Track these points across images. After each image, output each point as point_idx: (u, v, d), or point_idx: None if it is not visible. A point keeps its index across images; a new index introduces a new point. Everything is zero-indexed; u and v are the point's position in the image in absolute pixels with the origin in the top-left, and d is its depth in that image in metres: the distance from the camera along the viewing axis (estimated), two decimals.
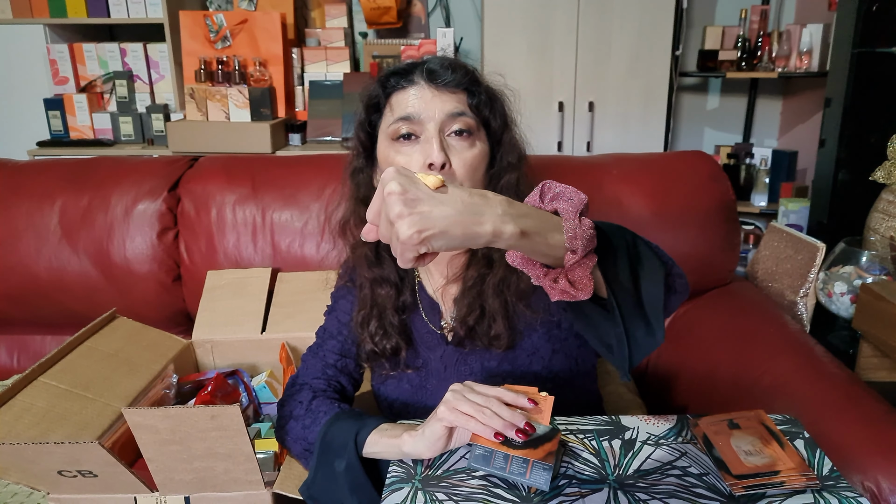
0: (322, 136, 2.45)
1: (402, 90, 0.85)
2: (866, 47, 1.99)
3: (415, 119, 0.83)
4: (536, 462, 0.69)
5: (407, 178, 0.55)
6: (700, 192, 1.36)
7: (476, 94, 0.85)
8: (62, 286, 1.40)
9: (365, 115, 0.90)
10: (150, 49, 2.51)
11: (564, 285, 0.59)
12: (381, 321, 0.93)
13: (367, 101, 0.89)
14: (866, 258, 1.35)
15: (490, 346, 0.89)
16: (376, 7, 2.45)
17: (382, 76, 0.88)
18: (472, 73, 0.88)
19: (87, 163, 1.51)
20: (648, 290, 0.64)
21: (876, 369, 1.26)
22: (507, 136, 0.89)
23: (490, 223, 0.55)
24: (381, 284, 0.93)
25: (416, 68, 0.86)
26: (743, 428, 0.76)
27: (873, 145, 1.92)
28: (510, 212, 0.56)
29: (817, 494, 0.68)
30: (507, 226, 0.55)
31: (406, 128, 0.83)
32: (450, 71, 0.84)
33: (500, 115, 0.88)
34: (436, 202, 0.54)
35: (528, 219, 0.57)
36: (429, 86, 0.84)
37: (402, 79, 0.86)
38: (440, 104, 0.83)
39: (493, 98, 0.88)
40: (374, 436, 0.80)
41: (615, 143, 2.48)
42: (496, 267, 0.89)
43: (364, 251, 0.93)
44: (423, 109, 0.83)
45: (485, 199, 0.56)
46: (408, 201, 0.54)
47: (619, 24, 2.37)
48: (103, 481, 0.88)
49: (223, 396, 1.07)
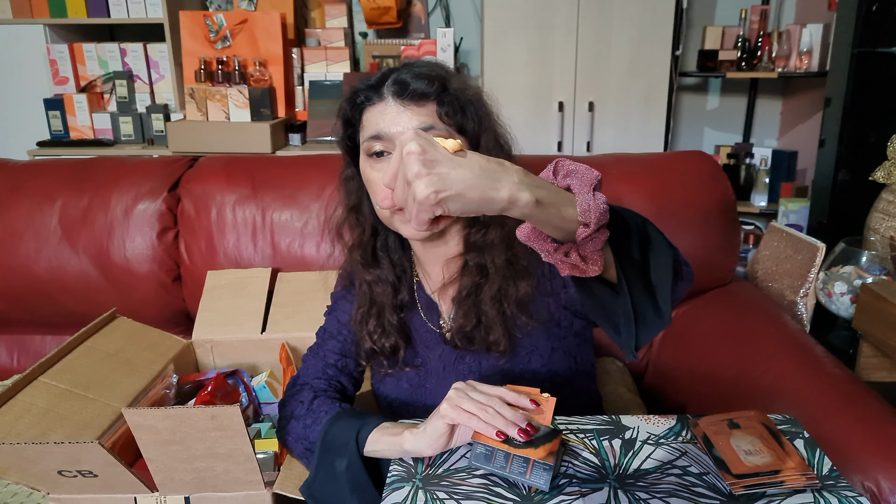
0: (322, 137, 2.45)
1: (372, 106, 0.85)
2: (866, 47, 1.99)
3: (384, 136, 0.82)
4: (537, 462, 0.69)
5: (426, 140, 0.55)
6: (700, 192, 1.36)
7: (445, 103, 0.84)
8: (62, 286, 1.40)
9: (343, 131, 0.90)
10: (150, 49, 2.51)
11: (576, 259, 0.59)
12: (379, 319, 0.93)
13: (342, 117, 0.89)
14: (866, 258, 1.35)
15: (489, 351, 0.89)
16: (376, 7, 2.45)
17: (352, 92, 0.88)
18: (441, 79, 0.85)
19: (88, 163, 1.51)
20: (657, 270, 0.64)
21: (876, 369, 1.26)
22: (486, 138, 0.88)
23: (507, 189, 0.55)
24: (379, 285, 0.94)
25: (384, 82, 0.85)
26: (743, 428, 0.76)
27: (873, 145, 1.92)
28: (526, 181, 0.56)
29: (817, 494, 0.68)
30: (523, 193, 0.55)
31: (378, 146, 0.83)
32: (416, 81, 0.83)
33: (474, 119, 0.86)
34: (454, 164, 0.55)
35: (543, 189, 0.57)
36: (395, 101, 0.83)
37: (372, 93, 0.85)
38: (408, 120, 0.82)
39: (465, 103, 0.86)
40: (376, 434, 0.80)
41: (615, 143, 2.48)
42: (492, 277, 0.88)
43: (359, 254, 0.93)
44: (391, 126, 0.82)
45: (502, 167, 0.57)
46: (426, 161, 0.54)
47: (619, 24, 2.37)
48: (103, 481, 0.88)
49: (223, 396, 1.07)
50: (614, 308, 0.65)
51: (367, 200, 0.93)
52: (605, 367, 1.32)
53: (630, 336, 0.64)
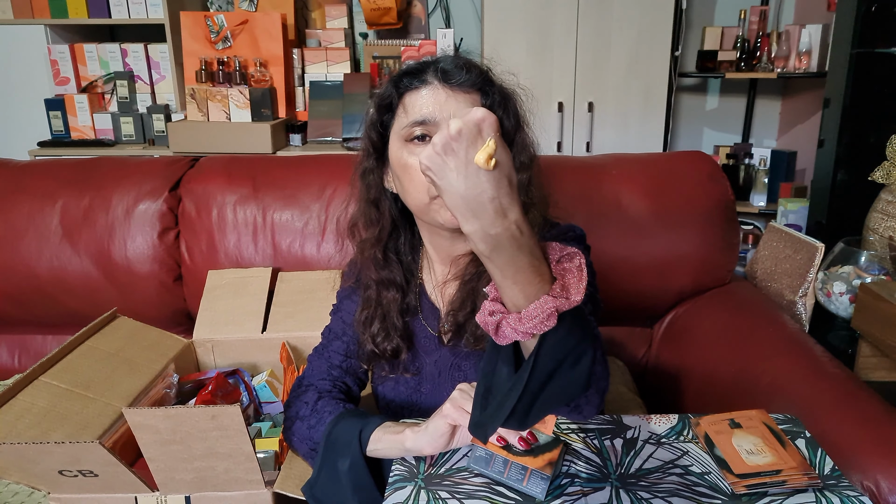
0: (322, 137, 2.45)
1: (415, 90, 0.84)
2: (865, 47, 1.99)
3: (430, 121, 0.81)
4: (535, 471, 0.69)
5: (469, 134, 0.53)
6: (699, 192, 1.36)
7: (490, 95, 0.84)
8: (63, 286, 1.40)
9: (377, 116, 0.88)
10: (151, 49, 2.51)
11: (497, 321, 0.57)
12: (384, 323, 0.92)
13: (380, 101, 0.88)
14: (865, 258, 1.35)
15: (476, 347, 0.88)
16: (376, 8, 2.45)
17: (395, 76, 0.87)
18: (486, 72, 0.86)
19: (88, 163, 1.51)
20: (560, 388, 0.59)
21: (875, 369, 1.26)
22: (520, 135, 0.89)
23: (471, 227, 0.54)
24: (388, 287, 0.92)
25: (429, 67, 0.84)
26: (744, 427, 0.76)
27: (872, 145, 1.92)
28: (499, 238, 0.54)
29: (819, 493, 0.68)
30: (480, 243, 0.54)
31: (420, 130, 0.82)
32: (464, 71, 0.83)
33: (514, 115, 0.88)
34: (460, 169, 0.53)
35: (506, 257, 0.55)
36: (442, 86, 0.82)
37: (415, 79, 0.84)
38: (454, 105, 0.82)
39: (507, 98, 0.87)
40: (378, 433, 0.80)
41: (614, 144, 2.48)
42: None
43: (372, 252, 0.92)
44: (437, 111, 0.81)
45: (496, 211, 0.53)
46: (447, 146, 0.53)
47: (619, 25, 2.37)
48: (104, 481, 0.88)
49: (224, 396, 1.07)
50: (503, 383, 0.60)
51: (385, 196, 0.91)
52: None
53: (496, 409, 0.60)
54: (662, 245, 1.34)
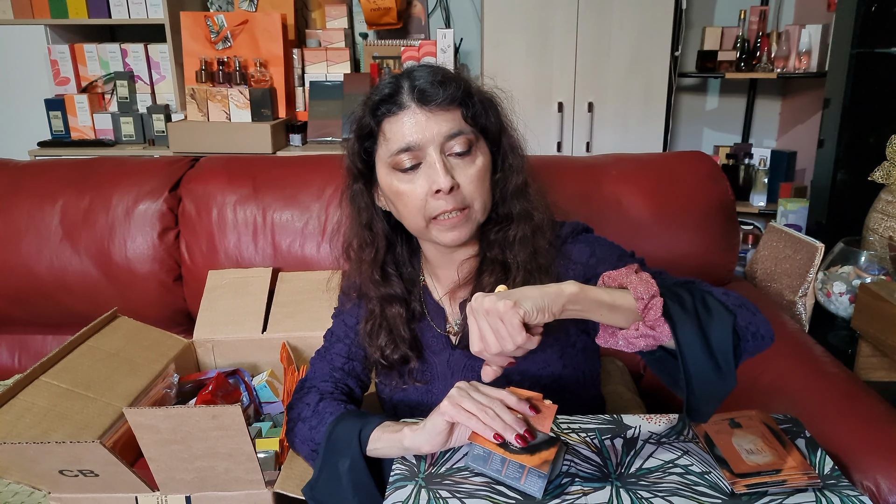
0: (322, 137, 2.45)
1: (394, 116, 0.82)
2: (865, 48, 1.99)
3: (414, 147, 0.81)
4: (532, 469, 0.69)
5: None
6: (699, 192, 1.36)
7: (470, 105, 0.83)
8: (63, 286, 1.40)
9: (358, 145, 0.87)
10: (151, 50, 2.51)
11: (645, 330, 0.66)
12: (391, 335, 0.92)
13: (359, 130, 0.86)
14: (865, 258, 1.35)
15: None
16: (376, 8, 2.45)
17: (371, 104, 0.84)
18: (464, 83, 0.84)
19: (89, 163, 1.51)
20: (716, 335, 0.67)
21: (875, 369, 1.26)
22: (506, 138, 0.88)
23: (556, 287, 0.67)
24: (391, 303, 0.92)
25: (403, 89, 0.82)
26: (744, 427, 0.77)
27: (872, 145, 1.92)
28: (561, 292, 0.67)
29: (819, 493, 0.68)
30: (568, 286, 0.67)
31: (408, 159, 0.81)
32: (440, 88, 0.81)
33: (496, 119, 0.87)
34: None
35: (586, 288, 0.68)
36: (421, 109, 0.81)
37: (392, 105, 0.82)
38: (436, 127, 0.81)
39: (487, 104, 0.86)
40: (377, 432, 0.80)
41: (614, 144, 2.48)
42: (513, 273, 0.87)
43: (370, 272, 0.92)
44: (420, 136, 0.80)
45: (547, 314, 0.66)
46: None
47: (619, 25, 2.37)
48: (104, 481, 0.88)
49: (224, 396, 1.07)
50: (676, 373, 0.68)
51: (377, 215, 0.91)
52: (604, 367, 1.32)
53: (690, 397, 0.67)
54: (662, 245, 1.34)
